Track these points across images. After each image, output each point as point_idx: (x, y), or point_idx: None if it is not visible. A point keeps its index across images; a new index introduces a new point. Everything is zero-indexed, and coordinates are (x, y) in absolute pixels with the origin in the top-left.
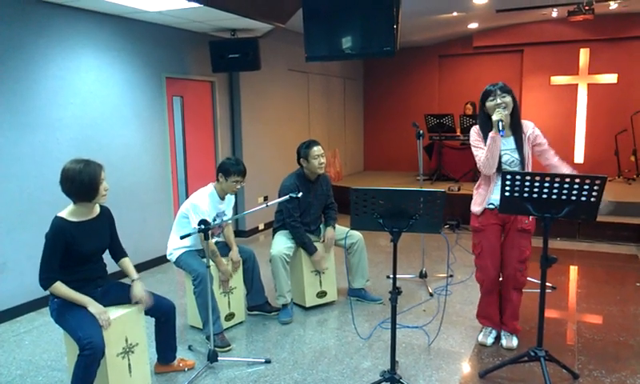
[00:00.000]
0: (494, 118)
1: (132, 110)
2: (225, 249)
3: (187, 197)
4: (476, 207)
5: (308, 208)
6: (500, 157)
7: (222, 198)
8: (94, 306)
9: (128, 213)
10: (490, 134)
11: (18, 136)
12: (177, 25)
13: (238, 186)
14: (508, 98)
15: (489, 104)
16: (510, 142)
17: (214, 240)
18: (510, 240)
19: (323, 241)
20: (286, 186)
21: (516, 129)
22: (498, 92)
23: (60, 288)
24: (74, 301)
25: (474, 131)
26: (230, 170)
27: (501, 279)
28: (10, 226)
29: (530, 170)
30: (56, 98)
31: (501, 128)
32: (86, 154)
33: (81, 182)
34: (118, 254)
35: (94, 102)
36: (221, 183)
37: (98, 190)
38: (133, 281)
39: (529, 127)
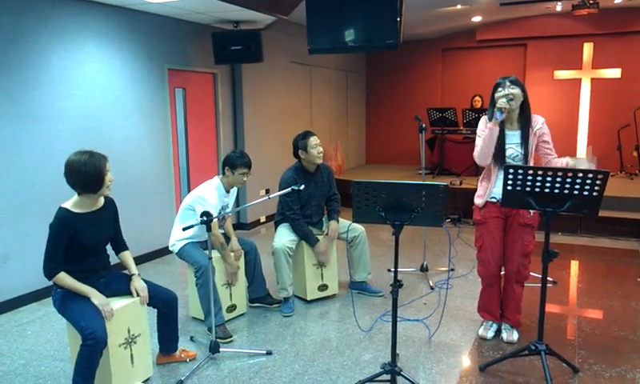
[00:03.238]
0: (496, 106)
1: (134, 101)
2: (225, 240)
3: (189, 189)
4: (478, 199)
5: (309, 200)
6: (504, 150)
7: (228, 191)
8: (97, 298)
9: (130, 204)
10: (489, 125)
11: (20, 127)
12: (179, 16)
13: (245, 179)
14: (516, 90)
15: (497, 95)
16: (515, 136)
17: (220, 232)
18: (512, 234)
19: (326, 234)
20: (284, 180)
21: (524, 123)
22: (507, 83)
23: (64, 279)
24: (78, 291)
25: (482, 121)
26: (237, 162)
27: (503, 273)
28: (12, 217)
29: (533, 165)
30: (58, 89)
31: (497, 114)
32: (88, 146)
33: (86, 173)
34: (120, 246)
35: (96, 94)
36: (227, 176)
37: (103, 181)
38: (132, 275)
39: (538, 122)
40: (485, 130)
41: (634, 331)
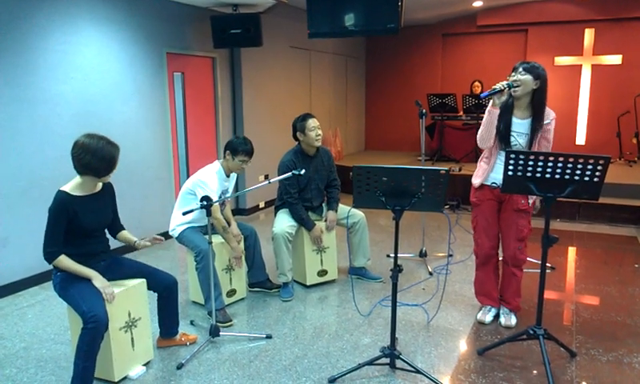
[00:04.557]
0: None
1: (133, 85)
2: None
3: (188, 174)
4: (476, 179)
5: (308, 184)
6: (509, 135)
7: (228, 176)
8: (98, 280)
9: (129, 189)
10: (488, 108)
11: (18, 110)
12: None
13: (244, 166)
14: (526, 77)
15: (509, 78)
16: (522, 126)
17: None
18: (506, 219)
19: (325, 220)
20: (284, 163)
21: (535, 114)
22: (520, 69)
23: (64, 261)
24: (79, 274)
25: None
26: (238, 149)
27: (501, 258)
28: (11, 201)
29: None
30: (56, 73)
31: (485, 92)
32: (87, 130)
33: (102, 157)
34: (117, 228)
35: (94, 77)
36: (227, 161)
37: (114, 170)
38: (135, 242)
39: (548, 116)
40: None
41: (630, 316)
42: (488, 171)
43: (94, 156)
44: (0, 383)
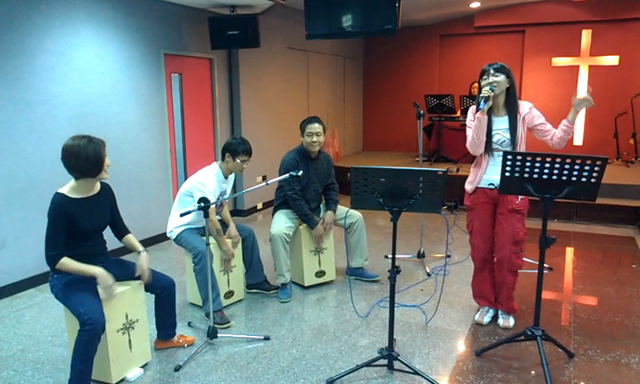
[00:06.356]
0: (480, 95)
1: (130, 86)
2: (222, 226)
3: (186, 175)
4: (468, 185)
5: (308, 185)
6: (491, 136)
7: (226, 177)
8: (102, 278)
9: (126, 191)
10: (477, 115)
11: (16, 112)
12: (176, 0)
13: (245, 165)
14: (500, 78)
15: (482, 83)
16: (503, 122)
17: (217, 218)
18: (502, 221)
19: (323, 222)
20: (286, 161)
21: (511, 109)
22: (492, 71)
23: (67, 263)
24: (83, 273)
25: (471, 111)
26: (238, 149)
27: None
28: (9, 203)
29: (522, 151)
30: (53, 74)
31: (481, 104)
32: (84, 132)
33: (86, 157)
34: (121, 231)
35: (92, 79)
36: (227, 163)
37: (102, 165)
38: (139, 252)
39: (525, 107)
40: (474, 120)
41: (628, 317)
42: (481, 174)
43: (79, 157)
44: None
